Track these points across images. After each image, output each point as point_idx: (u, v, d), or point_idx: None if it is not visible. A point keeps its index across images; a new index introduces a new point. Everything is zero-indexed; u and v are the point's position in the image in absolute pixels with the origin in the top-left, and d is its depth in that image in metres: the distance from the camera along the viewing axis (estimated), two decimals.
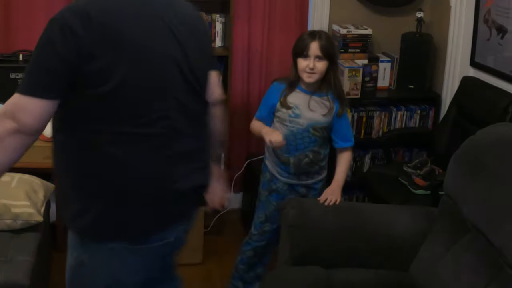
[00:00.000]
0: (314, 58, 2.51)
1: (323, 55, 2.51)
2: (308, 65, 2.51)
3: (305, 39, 2.55)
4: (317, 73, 2.52)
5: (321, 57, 2.51)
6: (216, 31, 3.39)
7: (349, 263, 2.36)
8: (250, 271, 2.82)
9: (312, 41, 2.52)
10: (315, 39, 2.52)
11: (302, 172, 2.64)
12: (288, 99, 2.58)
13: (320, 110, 2.57)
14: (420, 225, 2.38)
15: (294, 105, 2.57)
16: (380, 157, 3.65)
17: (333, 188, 2.57)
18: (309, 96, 2.57)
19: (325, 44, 2.52)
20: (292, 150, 2.59)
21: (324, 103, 2.58)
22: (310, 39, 2.53)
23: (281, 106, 2.58)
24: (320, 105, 2.58)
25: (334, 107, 2.58)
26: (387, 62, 3.60)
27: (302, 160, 2.60)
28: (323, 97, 2.58)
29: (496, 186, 2.01)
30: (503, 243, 1.90)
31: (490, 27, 3.15)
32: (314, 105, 2.57)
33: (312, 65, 2.50)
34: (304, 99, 2.57)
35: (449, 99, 3.42)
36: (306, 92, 2.58)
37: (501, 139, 2.13)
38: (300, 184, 2.66)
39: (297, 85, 2.59)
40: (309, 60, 2.51)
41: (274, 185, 2.68)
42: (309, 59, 2.51)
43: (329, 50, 2.53)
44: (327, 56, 2.52)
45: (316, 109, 2.57)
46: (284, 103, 2.58)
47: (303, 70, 2.53)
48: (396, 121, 3.60)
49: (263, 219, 2.73)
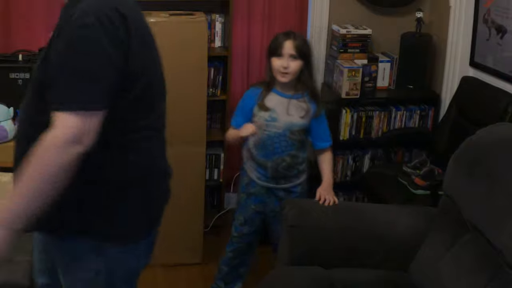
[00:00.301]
0: (288, 57, 2.49)
1: (298, 55, 2.49)
2: (282, 64, 2.49)
3: (279, 38, 2.53)
4: (291, 73, 2.50)
5: (295, 56, 2.49)
6: (216, 31, 3.39)
7: (348, 263, 2.36)
8: (231, 271, 2.83)
9: (287, 40, 2.50)
10: (290, 38, 2.50)
11: (280, 176, 2.62)
12: (265, 102, 2.56)
13: (297, 113, 2.55)
14: (420, 225, 2.38)
15: (271, 109, 2.54)
16: (379, 157, 3.65)
17: (325, 187, 2.55)
18: (286, 100, 2.55)
19: (299, 44, 2.50)
20: (270, 154, 2.58)
21: (301, 105, 2.56)
22: (284, 38, 2.51)
23: (259, 109, 2.55)
24: (297, 108, 2.55)
25: (311, 108, 2.57)
26: (386, 62, 3.60)
27: (280, 164, 2.58)
28: (299, 99, 2.56)
29: (495, 186, 2.01)
30: (503, 243, 1.91)
31: (489, 27, 3.15)
32: (291, 108, 2.55)
33: (286, 64, 2.49)
34: (281, 103, 2.55)
35: (449, 99, 3.42)
36: (283, 95, 2.56)
37: (500, 139, 2.13)
38: (279, 188, 2.65)
39: (272, 87, 2.57)
40: (283, 60, 2.50)
41: (253, 189, 2.67)
42: (283, 58, 2.50)
43: (304, 50, 2.51)
44: (302, 56, 2.50)
45: (293, 112, 2.55)
46: (262, 105, 2.55)
47: (277, 70, 2.51)
48: (395, 121, 3.60)
49: (242, 222, 2.74)
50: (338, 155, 3.58)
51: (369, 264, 2.35)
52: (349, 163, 3.62)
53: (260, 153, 2.58)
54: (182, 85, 2.96)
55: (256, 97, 2.58)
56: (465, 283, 2.00)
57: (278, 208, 2.64)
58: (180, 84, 2.96)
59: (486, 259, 1.98)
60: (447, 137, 3.27)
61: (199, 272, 3.19)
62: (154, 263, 3.20)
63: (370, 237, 2.38)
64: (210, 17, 3.34)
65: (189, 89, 2.98)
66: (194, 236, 3.22)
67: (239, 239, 2.76)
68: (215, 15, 3.36)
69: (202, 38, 2.96)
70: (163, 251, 3.20)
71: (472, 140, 2.23)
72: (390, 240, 2.37)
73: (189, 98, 2.99)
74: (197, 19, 2.96)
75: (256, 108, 2.57)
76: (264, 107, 2.55)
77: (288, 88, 2.55)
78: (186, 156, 3.07)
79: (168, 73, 2.93)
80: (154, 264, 3.19)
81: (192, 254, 3.24)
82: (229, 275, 2.84)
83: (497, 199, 1.98)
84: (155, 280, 3.12)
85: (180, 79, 2.95)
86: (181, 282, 3.12)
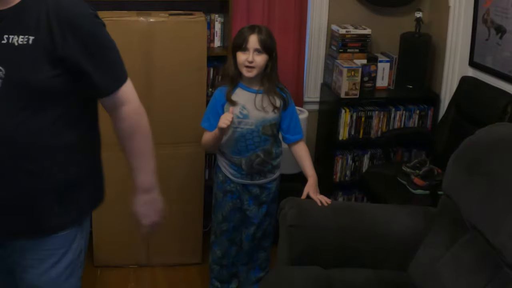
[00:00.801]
0: (253, 51, 2.49)
1: (262, 49, 2.49)
2: (247, 58, 2.49)
3: (244, 32, 2.53)
4: (256, 67, 2.50)
5: (260, 50, 2.49)
6: (215, 31, 3.39)
7: (348, 263, 2.36)
8: (222, 269, 2.84)
9: (251, 34, 2.50)
10: (254, 32, 2.50)
11: (254, 172, 2.62)
12: (233, 97, 2.55)
13: (267, 107, 2.55)
14: (419, 225, 2.38)
15: (241, 104, 2.54)
16: (379, 157, 3.65)
17: (312, 184, 2.54)
18: (254, 95, 2.55)
19: (264, 38, 2.49)
20: (243, 151, 2.58)
21: (269, 99, 2.55)
22: (249, 32, 2.51)
23: (230, 105, 2.54)
24: (265, 102, 2.55)
25: (279, 101, 2.57)
26: (386, 62, 3.60)
27: (254, 160, 2.59)
28: (266, 93, 2.55)
29: (495, 186, 2.01)
30: (502, 243, 1.91)
31: (489, 27, 3.15)
32: (260, 103, 2.54)
33: (251, 58, 2.48)
34: (250, 98, 2.55)
35: (448, 99, 3.42)
36: (250, 90, 2.56)
37: (500, 139, 2.13)
38: (253, 184, 2.65)
39: (238, 82, 2.57)
40: (248, 54, 2.49)
41: (228, 186, 2.68)
42: (248, 52, 2.49)
43: (268, 44, 2.50)
44: (266, 50, 2.50)
45: (263, 107, 2.55)
46: (231, 101, 2.54)
47: (242, 64, 2.50)
48: (395, 121, 3.61)
49: (220, 219, 2.75)
50: (337, 155, 3.59)
51: (368, 264, 2.35)
52: (349, 163, 3.62)
53: (233, 151, 2.59)
54: (181, 85, 2.97)
55: (224, 94, 2.57)
56: (464, 283, 2.00)
57: (251, 207, 2.67)
58: (179, 84, 2.96)
59: (485, 259, 1.98)
60: (447, 137, 3.27)
61: (198, 272, 3.19)
62: (154, 263, 3.22)
63: (370, 237, 2.37)
64: (210, 17, 3.34)
65: (189, 89, 2.98)
66: (193, 236, 3.22)
67: (220, 236, 2.78)
68: (215, 15, 3.36)
69: (202, 38, 2.97)
70: (163, 251, 3.21)
71: (472, 140, 2.23)
72: (389, 240, 2.37)
73: (188, 97, 2.99)
74: (196, 19, 2.96)
75: (227, 105, 2.56)
76: (232, 102, 2.54)
77: (254, 83, 2.56)
78: (185, 156, 3.08)
79: (168, 73, 2.96)
80: (154, 264, 3.22)
81: (191, 254, 3.24)
82: (222, 274, 2.85)
83: (497, 199, 1.98)
84: (154, 280, 3.12)
85: (179, 79, 2.96)
86: (180, 282, 3.12)
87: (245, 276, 2.86)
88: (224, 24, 3.38)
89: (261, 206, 2.69)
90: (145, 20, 2.87)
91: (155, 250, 3.19)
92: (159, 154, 3.23)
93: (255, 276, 2.85)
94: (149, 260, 3.20)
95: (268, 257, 2.85)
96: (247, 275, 2.86)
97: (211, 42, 3.38)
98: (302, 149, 2.65)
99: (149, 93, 2.89)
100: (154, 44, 2.88)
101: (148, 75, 2.89)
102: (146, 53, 2.87)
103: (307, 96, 3.70)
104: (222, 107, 2.57)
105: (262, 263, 2.84)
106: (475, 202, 2.08)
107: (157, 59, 2.90)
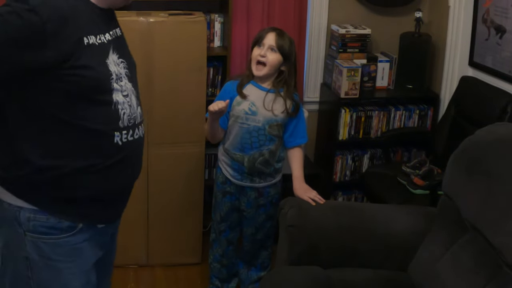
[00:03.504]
0: (268, 47, 2.50)
1: (277, 48, 2.50)
2: (259, 52, 2.50)
3: (264, 30, 2.56)
4: (267, 64, 2.50)
5: (274, 49, 2.50)
6: (215, 31, 3.39)
7: (348, 263, 2.36)
8: (222, 268, 2.85)
9: (271, 32, 2.52)
10: (274, 32, 2.52)
11: (256, 172, 2.61)
12: (244, 91, 2.56)
13: (276, 107, 2.55)
14: (419, 225, 2.38)
15: (250, 101, 2.55)
16: (378, 157, 3.65)
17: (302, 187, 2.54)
18: (264, 93, 2.55)
19: (282, 39, 2.51)
20: (247, 149, 2.58)
21: (279, 100, 2.56)
22: (269, 30, 2.54)
23: (238, 101, 2.55)
24: (276, 102, 2.55)
25: (290, 105, 2.57)
26: (385, 62, 3.60)
27: (257, 159, 2.58)
28: (278, 94, 2.55)
29: (494, 186, 2.01)
30: (502, 243, 1.91)
31: (488, 27, 3.15)
32: (270, 102, 2.55)
33: (264, 53, 2.49)
34: (260, 96, 2.55)
35: (448, 99, 3.42)
36: (261, 88, 2.57)
37: (499, 139, 2.13)
38: (252, 188, 2.64)
39: (251, 79, 2.58)
40: (262, 49, 2.50)
41: (228, 187, 2.68)
42: (262, 47, 2.51)
43: (285, 47, 2.51)
44: (282, 52, 2.51)
45: (272, 106, 2.55)
46: (241, 93, 2.55)
47: (254, 59, 2.52)
48: (394, 121, 3.61)
49: (219, 220, 2.75)
50: (337, 155, 3.59)
51: (368, 264, 2.36)
52: (348, 163, 3.63)
53: (237, 147, 2.58)
54: (181, 85, 2.96)
55: (235, 88, 2.58)
56: (464, 283, 2.00)
57: (248, 209, 2.67)
58: (179, 83, 2.96)
59: (485, 258, 1.98)
60: (446, 137, 3.27)
61: (198, 272, 3.19)
62: (154, 263, 3.22)
63: (369, 237, 2.38)
64: (209, 17, 3.34)
65: (188, 89, 2.98)
66: (193, 236, 3.21)
67: (218, 236, 2.78)
68: (214, 15, 3.36)
69: (201, 38, 2.97)
70: (163, 251, 3.21)
71: (471, 140, 2.23)
72: (389, 240, 2.37)
73: (188, 97, 2.99)
74: (196, 19, 2.96)
75: (235, 101, 2.56)
76: (242, 94, 2.55)
77: (266, 82, 2.56)
78: (185, 156, 3.07)
79: (167, 73, 2.96)
80: (153, 264, 3.21)
81: (191, 254, 3.24)
82: (222, 273, 2.85)
83: (496, 199, 1.98)
84: (154, 280, 3.12)
85: (179, 79, 2.96)
86: (180, 282, 3.12)
87: (245, 275, 2.87)
88: (224, 24, 3.38)
89: (258, 208, 2.69)
90: (145, 20, 2.87)
91: (155, 250, 3.19)
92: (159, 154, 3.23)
93: (256, 275, 2.85)
94: (148, 260, 3.20)
95: (270, 256, 2.85)
96: (248, 274, 2.86)
97: (211, 42, 3.38)
98: (298, 152, 2.65)
99: (149, 93, 2.89)
100: (154, 44, 2.88)
101: (148, 75, 2.89)
102: (146, 53, 2.87)
103: (307, 96, 3.70)
104: (232, 100, 2.57)
105: (264, 261, 2.84)
106: (475, 202, 2.08)
107: (157, 59, 2.90)
